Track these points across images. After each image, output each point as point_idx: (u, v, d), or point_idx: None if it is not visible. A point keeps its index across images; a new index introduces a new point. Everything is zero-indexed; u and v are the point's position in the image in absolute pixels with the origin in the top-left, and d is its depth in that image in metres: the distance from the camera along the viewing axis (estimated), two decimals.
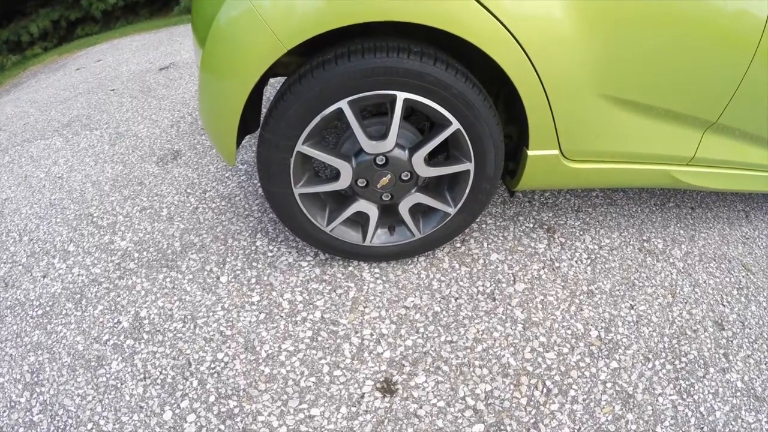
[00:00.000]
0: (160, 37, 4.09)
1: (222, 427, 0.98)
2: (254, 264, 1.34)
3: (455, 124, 1.02)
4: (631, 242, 1.50)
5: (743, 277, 1.48)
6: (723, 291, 1.40)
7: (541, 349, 1.12)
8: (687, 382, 1.12)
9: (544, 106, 1.03)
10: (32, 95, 3.23)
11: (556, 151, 1.11)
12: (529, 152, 1.10)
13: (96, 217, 1.62)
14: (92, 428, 1.03)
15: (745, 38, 1.11)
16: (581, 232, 1.50)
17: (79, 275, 1.39)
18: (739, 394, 1.12)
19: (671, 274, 1.41)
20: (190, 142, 1.99)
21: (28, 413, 1.09)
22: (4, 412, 1.10)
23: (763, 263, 1.55)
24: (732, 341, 1.25)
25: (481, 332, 1.14)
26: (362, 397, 1.01)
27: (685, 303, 1.33)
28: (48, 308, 1.32)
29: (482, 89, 1.03)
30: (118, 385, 1.09)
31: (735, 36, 1.11)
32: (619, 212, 1.61)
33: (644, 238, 1.53)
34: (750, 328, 1.30)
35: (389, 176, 1.11)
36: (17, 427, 1.05)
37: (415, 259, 1.36)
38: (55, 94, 3.09)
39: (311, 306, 1.22)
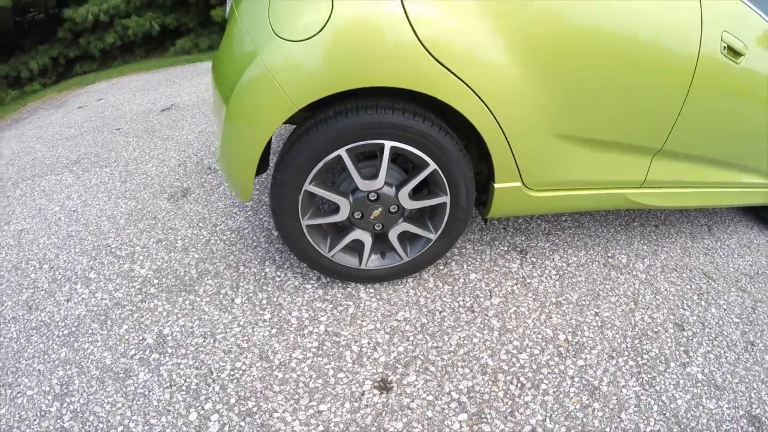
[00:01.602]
0: (158, 78, 4.36)
1: (242, 423, 1.16)
2: (264, 287, 1.55)
3: (432, 165, 1.28)
4: (597, 259, 1.76)
5: (704, 283, 1.73)
6: (684, 297, 1.65)
7: (515, 351, 1.34)
8: (649, 376, 1.34)
9: (505, 147, 1.29)
10: (37, 131, 3.40)
11: (519, 183, 1.37)
12: (496, 185, 1.36)
13: (114, 248, 1.80)
14: (122, 430, 1.19)
15: (680, 71, 1.33)
16: (551, 252, 1.75)
17: (102, 299, 1.57)
18: (699, 384, 1.34)
19: (634, 284, 1.66)
20: (198, 181, 2.21)
21: (59, 420, 1.24)
22: (35, 420, 1.25)
23: (724, 270, 1.80)
24: (692, 339, 1.48)
25: (462, 339, 1.36)
26: (363, 394, 1.21)
27: (647, 309, 1.57)
28: (74, 328, 1.48)
29: (454, 135, 1.29)
30: (146, 392, 1.26)
31: (670, 70, 1.33)
32: (586, 233, 1.88)
33: (609, 255, 1.79)
34: (710, 328, 1.53)
35: (380, 209, 1.35)
36: None
37: (404, 279, 1.58)
38: (61, 131, 3.27)
39: (316, 321, 1.42)
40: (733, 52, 1.39)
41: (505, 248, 1.75)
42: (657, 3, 1.27)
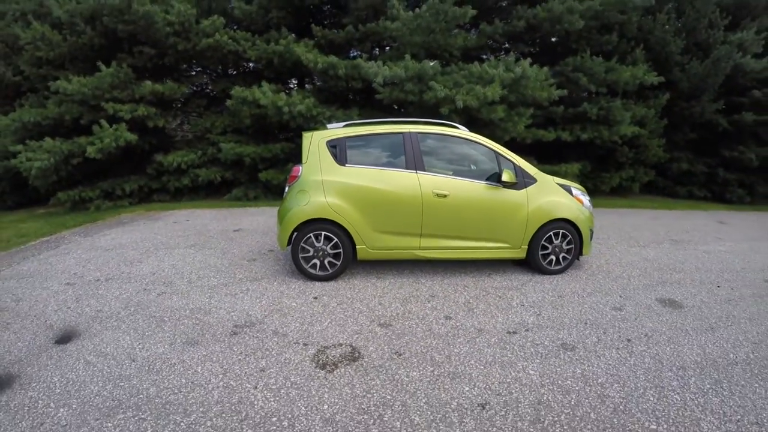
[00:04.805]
0: (223, 214, 7.88)
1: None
2: (285, 281, 4.69)
3: (336, 239, 4.65)
4: (410, 281, 4.85)
5: (467, 295, 4.77)
6: (433, 287, 4.68)
7: (364, 303, 4.42)
8: (435, 304, 4.35)
9: (357, 234, 4.62)
10: (149, 230, 6.63)
11: (365, 246, 4.68)
12: (357, 246, 4.68)
13: (224, 270, 4.97)
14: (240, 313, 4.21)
15: (416, 204, 4.57)
16: (392, 278, 4.89)
17: (225, 281, 4.67)
18: (457, 310, 4.34)
19: (421, 288, 4.69)
20: (260, 257, 5.49)
21: (210, 319, 4.25)
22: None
23: (480, 284, 4.73)
24: (436, 300, 4.49)
25: (344, 297, 4.46)
26: (310, 298, 4.26)
27: (430, 294, 4.60)
28: (213, 287, 4.56)
29: (345, 229, 4.61)
30: (249, 296, 4.31)
31: (411, 204, 4.54)
32: (414, 271, 5.03)
33: (418, 280, 4.87)
34: (447, 294, 4.55)
35: (321, 252, 4.66)
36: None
37: (331, 281, 4.72)
38: (170, 232, 6.56)
39: (303, 289, 4.53)
40: (442, 196, 4.68)
41: (368, 274, 4.93)
42: (402, 182, 4.64)
